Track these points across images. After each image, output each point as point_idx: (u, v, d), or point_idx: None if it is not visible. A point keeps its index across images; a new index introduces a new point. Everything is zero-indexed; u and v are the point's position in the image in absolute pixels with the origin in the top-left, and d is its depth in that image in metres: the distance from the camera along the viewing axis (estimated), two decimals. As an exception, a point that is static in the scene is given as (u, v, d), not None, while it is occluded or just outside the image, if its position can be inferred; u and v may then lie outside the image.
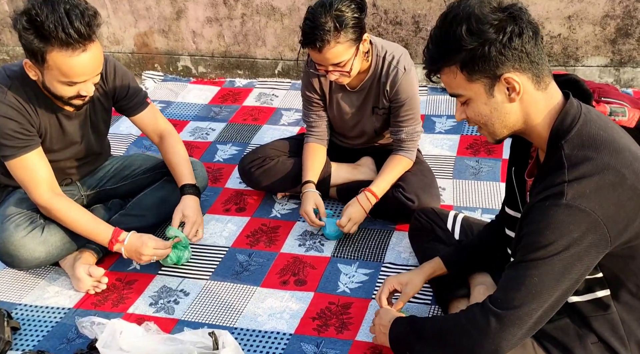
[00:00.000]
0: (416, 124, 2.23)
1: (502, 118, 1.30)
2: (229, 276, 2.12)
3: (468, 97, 1.30)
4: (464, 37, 1.21)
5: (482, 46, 1.21)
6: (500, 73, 1.24)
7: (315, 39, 1.93)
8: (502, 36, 1.21)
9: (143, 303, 2.03)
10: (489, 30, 1.21)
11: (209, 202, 2.52)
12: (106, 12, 3.57)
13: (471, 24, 1.21)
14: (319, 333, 1.85)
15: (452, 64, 1.26)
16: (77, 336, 1.90)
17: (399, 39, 3.21)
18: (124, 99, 2.16)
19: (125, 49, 3.70)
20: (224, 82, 3.57)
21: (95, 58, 1.80)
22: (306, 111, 2.37)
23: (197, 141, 2.99)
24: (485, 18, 1.21)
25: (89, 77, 1.83)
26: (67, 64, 1.76)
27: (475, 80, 1.26)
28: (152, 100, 2.72)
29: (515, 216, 1.51)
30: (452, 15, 1.24)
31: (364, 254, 2.16)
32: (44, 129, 2.01)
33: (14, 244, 1.99)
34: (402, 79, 2.14)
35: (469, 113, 1.33)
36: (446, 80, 1.31)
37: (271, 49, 3.47)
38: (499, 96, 1.27)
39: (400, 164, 2.25)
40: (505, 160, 2.62)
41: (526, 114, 1.29)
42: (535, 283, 1.22)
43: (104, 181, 2.32)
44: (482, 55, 1.22)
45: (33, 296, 2.09)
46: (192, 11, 3.45)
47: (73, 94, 1.86)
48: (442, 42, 1.26)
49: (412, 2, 3.10)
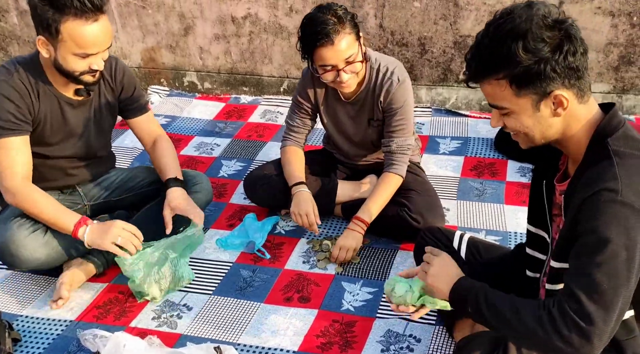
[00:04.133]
0: (408, 135, 2.25)
1: (544, 130, 1.30)
2: (233, 291, 2.11)
3: (512, 110, 1.29)
4: (520, 55, 1.21)
5: (537, 64, 1.21)
6: (550, 90, 1.24)
7: (327, 32, 1.99)
8: (558, 55, 1.21)
9: (146, 316, 2.01)
10: (545, 48, 1.20)
11: (213, 217, 2.52)
12: (115, 27, 3.60)
13: (528, 42, 1.20)
14: (322, 351, 1.84)
15: (501, 78, 1.25)
16: (78, 349, 1.89)
17: (405, 60, 3.25)
18: (129, 99, 2.20)
19: (132, 63, 3.73)
20: (229, 99, 3.59)
21: (106, 29, 1.88)
22: (292, 115, 2.40)
23: (202, 156, 3.00)
24: (541, 35, 1.20)
25: (100, 49, 1.89)
26: (81, 33, 1.82)
27: (523, 96, 1.26)
28: (157, 114, 2.74)
29: (536, 233, 1.50)
30: (508, 28, 1.22)
31: (368, 273, 2.16)
32: (43, 116, 2.02)
33: (16, 244, 1.99)
34: (396, 89, 2.18)
35: (509, 123, 1.32)
36: (490, 92, 1.30)
37: (277, 67, 3.50)
38: (545, 110, 1.28)
39: (389, 185, 2.25)
40: (509, 182, 2.64)
41: (567, 126, 1.30)
42: (605, 290, 1.19)
43: (108, 192, 2.32)
44: (536, 72, 1.22)
45: (35, 308, 2.08)
46: (200, 28, 3.48)
47: (85, 69, 1.91)
48: (495, 55, 1.24)
49: (418, 25, 3.15)
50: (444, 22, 3.11)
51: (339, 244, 2.19)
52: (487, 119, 3.16)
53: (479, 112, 3.26)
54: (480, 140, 2.99)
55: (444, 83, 3.29)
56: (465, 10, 3.06)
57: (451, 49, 3.18)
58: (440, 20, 3.11)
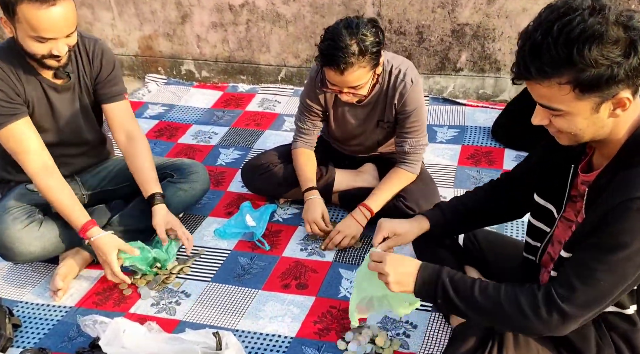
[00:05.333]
0: (421, 136, 2.24)
1: (597, 130, 1.24)
2: (231, 278, 2.13)
3: (568, 112, 1.20)
4: (594, 60, 1.11)
5: (611, 69, 1.12)
6: (616, 92, 1.16)
7: (339, 60, 1.90)
8: (632, 60, 1.12)
9: (145, 303, 2.03)
10: (618, 52, 1.12)
11: (210, 205, 2.53)
12: (111, 15, 3.59)
13: (603, 46, 1.11)
14: (320, 337, 1.86)
15: (565, 82, 1.15)
16: (78, 335, 1.91)
17: (403, 48, 3.25)
18: (103, 82, 2.13)
19: (129, 51, 3.72)
20: (227, 87, 3.59)
21: (66, 15, 1.81)
22: (302, 117, 2.36)
23: (199, 144, 3.01)
24: (617, 38, 1.11)
25: (58, 35, 1.83)
26: (35, 17, 1.77)
27: (586, 98, 1.17)
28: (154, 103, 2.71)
29: (544, 205, 1.48)
30: (580, 30, 1.11)
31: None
32: (31, 100, 2.01)
33: (11, 237, 2.00)
34: (410, 91, 2.15)
35: (559, 123, 1.24)
36: (546, 93, 1.19)
37: (275, 56, 3.50)
38: (604, 112, 1.20)
39: (400, 179, 2.25)
40: (506, 171, 2.64)
41: (616, 125, 1.25)
42: (603, 287, 1.22)
43: (105, 181, 2.33)
44: (608, 78, 1.13)
45: (34, 294, 2.10)
46: (197, 16, 3.47)
47: (45, 53, 1.87)
48: (563, 58, 1.13)
49: (416, 13, 3.14)
50: (441, 11, 3.11)
51: (339, 228, 2.20)
52: (485, 108, 3.17)
53: (476, 100, 3.27)
54: (478, 129, 2.99)
55: (441, 72, 3.30)
56: (463, -2, 3.06)
57: (449, 38, 3.18)
58: (438, 9, 3.11)
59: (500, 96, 3.28)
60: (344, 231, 2.20)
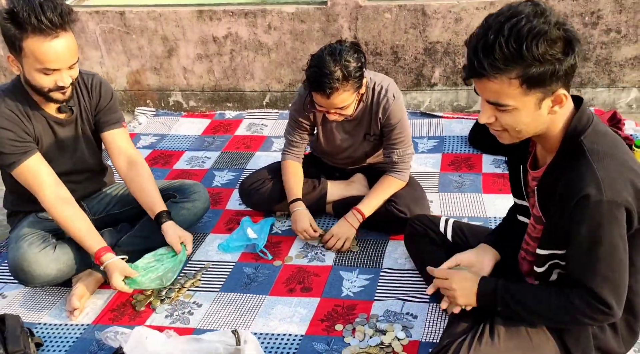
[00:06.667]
0: (407, 146, 2.41)
1: (537, 126, 1.38)
2: (238, 287, 2.25)
3: (515, 107, 1.32)
4: (540, 55, 1.23)
5: (553, 65, 1.25)
6: (556, 89, 1.30)
7: (325, 86, 2.07)
8: (569, 57, 1.26)
9: (159, 316, 2.14)
10: (558, 49, 1.25)
11: (211, 223, 2.66)
12: (100, 54, 3.74)
13: (547, 42, 1.23)
14: (328, 333, 1.99)
15: (514, 77, 1.27)
16: (98, 349, 2.00)
17: (380, 68, 3.45)
18: (103, 110, 2.28)
19: (118, 87, 3.86)
20: (215, 115, 3.75)
21: (68, 46, 1.97)
22: (291, 130, 2.52)
23: (194, 169, 3.14)
24: (558, 36, 1.24)
25: (62, 65, 1.98)
26: (40, 49, 1.92)
27: (531, 94, 1.29)
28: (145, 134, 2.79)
29: (520, 203, 1.68)
30: (527, 28, 1.23)
31: (363, 262, 2.33)
32: (38, 136, 2.15)
33: (28, 261, 2.11)
34: (392, 105, 2.33)
35: (506, 120, 1.35)
36: (496, 89, 1.30)
37: (259, 82, 3.68)
38: (545, 108, 1.34)
39: (391, 186, 2.42)
40: (485, 174, 2.84)
41: (553, 121, 1.39)
42: (614, 278, 1.40)
43: (110, 206, 2.45)
44: (551, 73, 1.25)
45: (51, 316, 2.19)
46: (183, 49, 3.64)
47: (51, 86, 2.00)
48: (512, 54, 1.24)
49: (390, 34, 3.36)
50: (413, 31, 3.34)
51: (332, 231, 2.36)
52: (460, 119, 3.38)
53: (451, 112, 3.48)
54: (455, 138, 3.19)
55: (417, 88, 3.51)
56: (432, 18, 3.29)
57: (422, 56, 3.40)
58: (411, 29, 3.33)
59: (474, 106, 3.50)
60: (337, 233, 2.35)
